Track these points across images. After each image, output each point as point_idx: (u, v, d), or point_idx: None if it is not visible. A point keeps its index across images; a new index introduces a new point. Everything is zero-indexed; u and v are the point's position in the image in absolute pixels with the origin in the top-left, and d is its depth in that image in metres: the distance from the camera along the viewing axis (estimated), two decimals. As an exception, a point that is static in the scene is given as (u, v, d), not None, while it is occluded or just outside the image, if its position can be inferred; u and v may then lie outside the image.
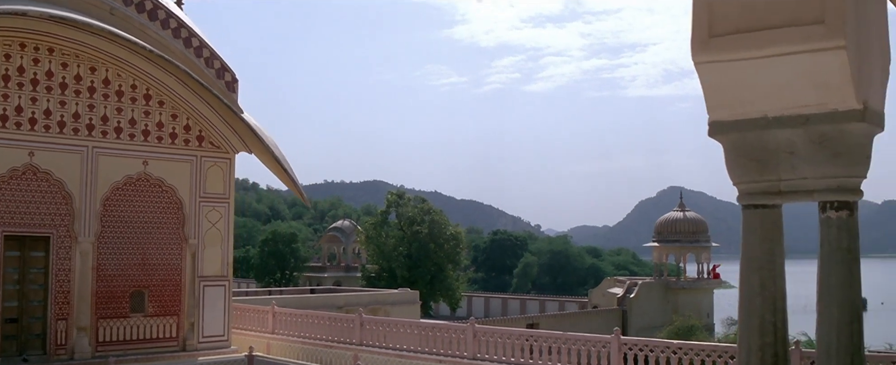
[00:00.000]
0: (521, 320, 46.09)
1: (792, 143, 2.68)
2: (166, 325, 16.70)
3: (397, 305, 36.44)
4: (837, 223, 2.65)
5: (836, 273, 2.62)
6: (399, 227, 52.11)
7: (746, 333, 2.73)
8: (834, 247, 2.65)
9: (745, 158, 2.79)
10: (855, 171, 2.65)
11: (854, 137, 2.61)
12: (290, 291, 44.62)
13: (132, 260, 16.42)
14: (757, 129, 2.71)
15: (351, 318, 16.90)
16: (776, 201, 2.76)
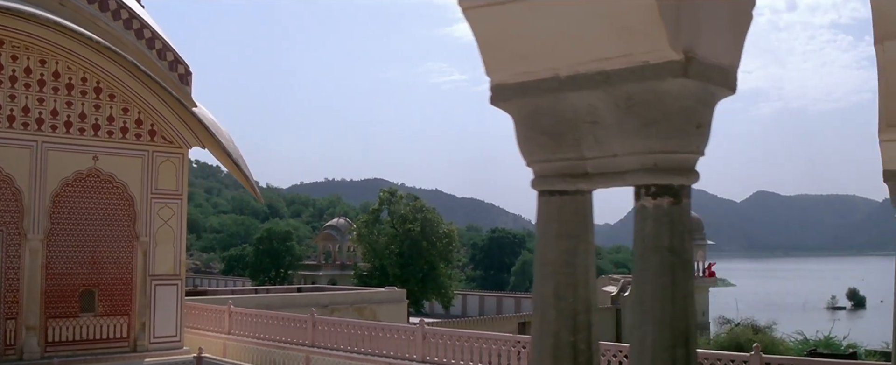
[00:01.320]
0: (515, 319, 45.49)
1: (594, 109, 1.98)
2: (117, 325, 16.13)
3: (384, 303, 35.87)
4: (655, 214, 1.90)
5: (653, 281, 1.89)
6: (391, 224, 51.52)
7: (538, 358, 2.04)
8: (650, 245, 1.90)
9: (536, 132, 2.12)
10: (677, 144, 1.90)
11: (674, 100, 1.87)
12: (276, 289, 44.12)
13: (82, 258, 15.86)
14: (548, 93, 2.03)
15: (303, 318, 16.28)
16: (580, 186, 2.08)
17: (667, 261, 1.89)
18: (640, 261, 1.92)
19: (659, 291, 1.87)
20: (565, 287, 2.03)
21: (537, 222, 2.11)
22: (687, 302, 1.92)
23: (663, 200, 1.90)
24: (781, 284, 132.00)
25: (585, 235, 2.07)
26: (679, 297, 1.89)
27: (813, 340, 41.54)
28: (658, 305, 1.87)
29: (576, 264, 2.04)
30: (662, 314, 1.87)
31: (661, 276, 1.88)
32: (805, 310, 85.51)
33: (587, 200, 2.10)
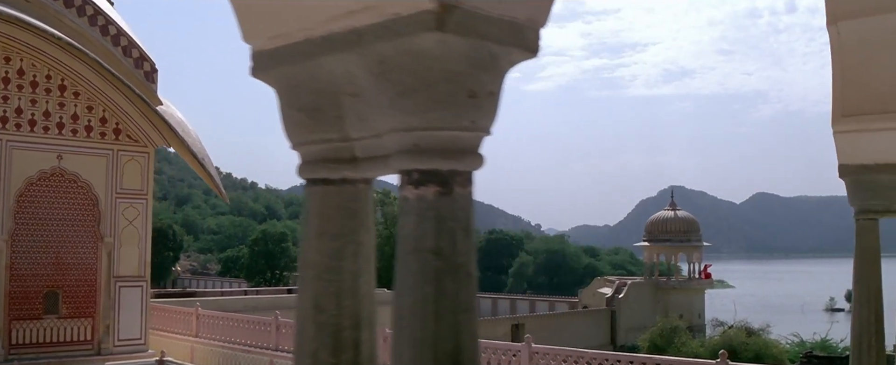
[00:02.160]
0: (508, 321, 45.14)
1: (352, 77, 1.59)
2: (81, 327, 15.81)
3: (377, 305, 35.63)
4: (417, 208, 1.50)
5: (412, 292, 1.48)
6: (385, 226, 51.22)
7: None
8: (409, 248, 1.50)
9: (294, 108, 1.74)
10: (442, 118, 1.48)
11: (434, 62, 1.46)
12: (267, 290, 43.78)
13: (46, 259, 15.55)
14: (304, 60, 1.64)
15: (268, 321, 15.92)
16: (346, 174, 1.69)
17: (430, 266, 1.47)
18: (400, 267, 1.53)
19: (419, 304, 1.46)
20: (326, 297, 1.66)
21: (300, 217, 1.76)
22: (458, 318, 1.49)
23: (427, 190, 1.48)
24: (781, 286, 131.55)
25: (355, 235, 1.69)
26: (446, 311, 1.47)
27: (809, 342, 41.20)
28: (418, 322, 1.46)
29: (341, 269, 1.67)
30: (423, 333, 1.46)
31: (423, 285, 1.47)
32: (804, 312, 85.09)
33: (358, 192, 1.72)
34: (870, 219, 3.81)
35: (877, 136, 3.67)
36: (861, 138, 3.78)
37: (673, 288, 50.78)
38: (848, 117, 3.82)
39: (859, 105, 3.70)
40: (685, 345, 34.67)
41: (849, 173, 3.96)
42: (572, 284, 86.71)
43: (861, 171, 3.92)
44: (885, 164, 3.77)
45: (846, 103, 3.85)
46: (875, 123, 3.51)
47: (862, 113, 3.68)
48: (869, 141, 3.73)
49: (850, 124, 3.80)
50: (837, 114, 3.87)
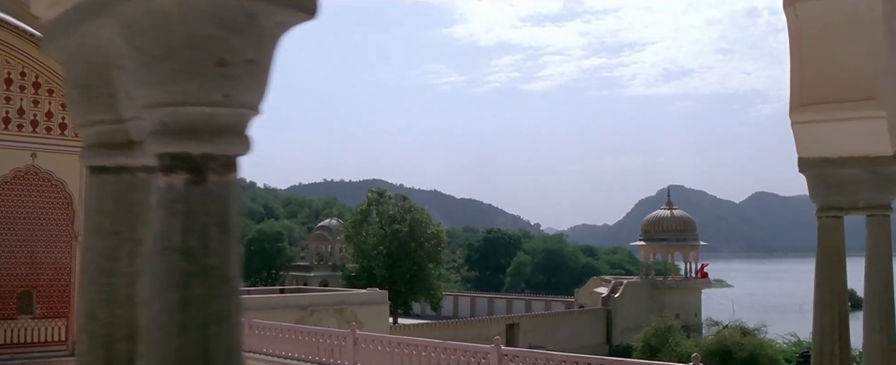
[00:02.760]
0: (502, 321, 44.88)
1: (117, 46, 1.33)
2: (55, 327, 15.54)
3: (365, 305, 35.32)
4: (166, 199, 1.23)
5: (159, 299, 1.22)
6: (380, 225, 50.93)
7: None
8: (159, 248, 1.23)
9: (69, 84, 1.50)
10: (188, 91, 1.23)
11: (176, 24, 1.21)
12: (258, 290, 43.49)
13: (20, 258, 15.28)
14: (73, 27, 1.39)
15: None
16: (123, 161, 1.45)
17: (177, 269, 1.21)
18: (149, 270, 1.23)
19: (164, 314, 1.20)
20: (99, 304, 1.38)
21: (85, 211, 1.45)
22: (209, 331, 1.23)
23: (177, 178, 1.22)
24: (780, 285, 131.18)
25: (133, 232, 1.40)
26: (193, 322, 1.21)
27: (806, 341, 40.89)
28: (162, 335, 1.20)
29: (115, 272, 1.40)
30: (167, 347, 1.19)
31: (168, 291, 1.21)
32: (802, 311, 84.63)
33: (138, 182, 1.45)
34: (833, 217, 3.48)
35: (838, 127, 3.36)
36: (821, 129, 3.42)
37: (669, 287, 50.50)
38: (807, 106, 3.48)
39: (819, 93, 3.39)
40: (679, 345, 34.40)
41: (809, 167, 3.59)
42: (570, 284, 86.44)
43: (822, 165, 3.54)
44: (848, 158, 3.41)
45: (805, 91, 3.51)
46: (836, 113, 3.22)
47: (822, 102, 3.36)
48: (829, 132, 3.38)
49: (810, 114, 3.47)
50: (795, 103, 3.52)
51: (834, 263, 3.35)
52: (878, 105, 3.11)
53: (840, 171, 3.33)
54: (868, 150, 3.27)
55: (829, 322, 3.57)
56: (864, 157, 3.17)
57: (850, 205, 3.35)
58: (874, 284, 3.23)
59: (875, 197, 3.32)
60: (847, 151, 3.19)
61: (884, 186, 3.30)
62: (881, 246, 3.25)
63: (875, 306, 3.25)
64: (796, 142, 3.49)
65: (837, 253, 3.36)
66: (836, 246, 3.38)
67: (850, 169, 3.31)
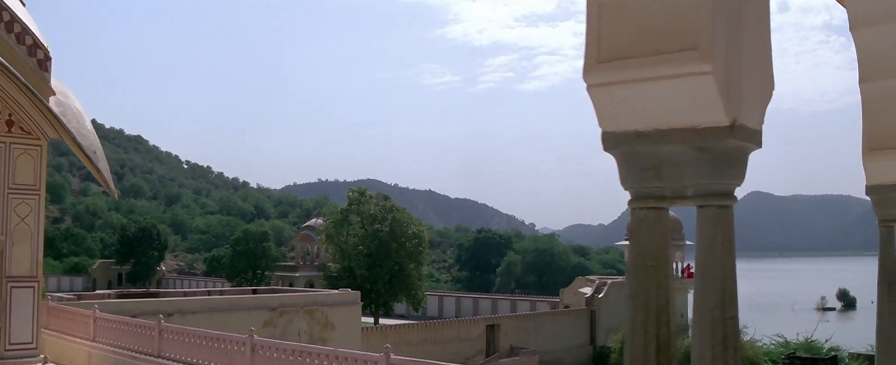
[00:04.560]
0: (482, 322, 44.11)
1: None
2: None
3: (336, 306, 34.53)
4: None
5: None
6: (361, 225, 50.22)
7: None
8: None
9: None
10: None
11: None
12: (230, 291, 42.74)
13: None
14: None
15: (151, 325, 14.78)
16: None
17: None
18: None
19: None
20: None
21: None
22: None
23: None
24: (773, 285, 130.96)
25: None
26: None
27: (794, 342, 40.18)
28: None
29: None
30: None
31: None
32: (794, 311, 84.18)
33: None
34: (651, 208, 2.60)
35: (651, 89, 2.50)
36: (628, 92, 2.60)
37: (654, 288, 49.87)
38: (608, 63, 2.63)
39: (625, 46, 2.54)
40: (657, 347, 33.57)
41: (616, 144, 2.78)
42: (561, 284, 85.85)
43: (633, 141, 2.70)
44: (667, 130, 2.55)
45: (605, 43, 2.69)
46: (647, 70, 2.43)
47: (628, 56, 2.44)
48: (639, 96, 2.59)
49: (612, 73, 2.66)
50: (591, 60, 2.68)
51: (651, 270, 2.55)
52: (701, 57, 2.39)
53: (658, 147, 2.51)
54: (694, 119, 2.45)
55: (642, 347, 2.68)
56: (689, 129, 2.36)
57: (674, 193, 2.55)
58: (706, 300, 2.43)
59: (708, 182, 2.51)
60: (666, 122, 2.42)
61: (718, 166, 2.48)
62: (716, 247, 2.45)
63: (706, 326, 2.47)
64: (596, 111, 2.69)
65: (659, 257, 2.56)
66: (656, 246, 2.58)
67: (671, 145, 2.49)
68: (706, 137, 2.42)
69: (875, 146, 4.91)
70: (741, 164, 2.53)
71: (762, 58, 2.65)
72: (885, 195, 5.02)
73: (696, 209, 2.58)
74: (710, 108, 2.38)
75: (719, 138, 2.41)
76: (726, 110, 2.38)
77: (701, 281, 2.50)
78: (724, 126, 2.39)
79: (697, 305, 2.53)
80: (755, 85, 2.56)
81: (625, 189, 2.65)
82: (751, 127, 2.49)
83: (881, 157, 4.94)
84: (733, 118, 2.39)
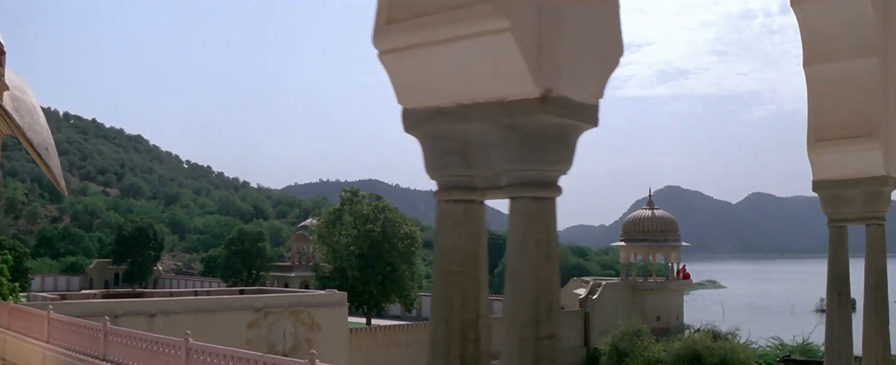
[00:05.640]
0: (474, 323, 43.78)
1: None
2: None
3: (322, 307, 34.10)
4: None
5: None
6: (353, 225, 49.76)
7: None
8: None
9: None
10: None
11: None
12: (217, 291, 42.40)
13: None
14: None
15: (97, 327, 14.33)
16: None
17: None
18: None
19: None
20: None
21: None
22: None
23: None
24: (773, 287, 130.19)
25: None
26: None
27: (790, 345, 39.67)
28: None
29: None
30: None
31: None
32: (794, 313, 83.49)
33: None
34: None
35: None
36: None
37: (650, 289, 49.27)
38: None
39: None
40: (647, 349, 33.18)
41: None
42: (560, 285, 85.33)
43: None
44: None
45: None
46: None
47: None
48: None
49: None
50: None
51: (456, 277, 2.12)
52: (496, 10, 2.23)
53: (463, 126, 2.11)
54: (500, 90, 2.01)
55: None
56: (494, 103, 2.05)
57: (486, 182, 2.20)
58: (515, 315, 2.20)
59: (519, 169, 2.07)
60: (469, 95, 2.13)
61: (530, 148, 2.05)
62: (529, 250, 1.98)
63: (514, 349, 2.34)
64: (392, 84, 2.57)
65: (467, 261, 2.14)
66: (464, 248, 2.15)
67: (476, 123, 2.08)
68: (514, 113, 1.98)
69: (821, 137, 4.67)
70: (563, 146, 2.06)
71: (601, 16, 2.18)
72: (834, 192, 4.72)
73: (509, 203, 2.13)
74: (515, 76, 1.94)
75: (528, 114, 1.96)
76: (535, 79, 1.93)
77: (510, 292, 2.04)
78: (533, 98, 1.94)
79: (506, 321, 2.07)
80: (584, 49, 2.10)
81: (430, 178, 2.21)
82: (577, 100, 2.03)
83: (828, 149, 4.64)
84: (546, 88, 1.94)
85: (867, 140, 4.46)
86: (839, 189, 4.69)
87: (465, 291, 2.14)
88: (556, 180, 2.08)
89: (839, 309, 4.64)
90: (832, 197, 4.75)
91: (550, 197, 2.07)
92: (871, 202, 4.65)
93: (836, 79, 4.56)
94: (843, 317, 4.65)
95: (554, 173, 2.07)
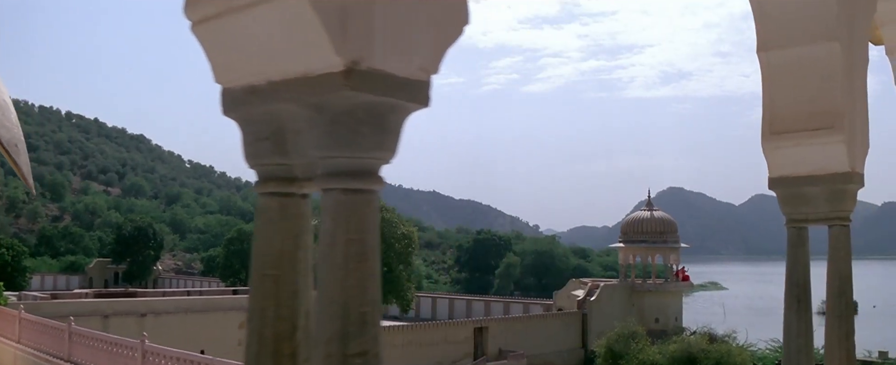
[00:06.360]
0: (470, 324, 43.31)
1: None
2: None
3: (313, 308, 33.79)
4: None
5: None
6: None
7: None
8: None
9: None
10: None
11: None
12: (209, 291, 42.25)
13: None
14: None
15: (62, 327, 14.03)
16: None
17: None
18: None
19: None
20: None
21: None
22: None
23: None
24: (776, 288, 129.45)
25: None
26: None
27: (790, 347, 39.33)
28: None
29: None
30: None
31: None
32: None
33: None
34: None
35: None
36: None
37: (648, 291, 48.90)
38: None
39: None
40: (642, 352, 32.78)
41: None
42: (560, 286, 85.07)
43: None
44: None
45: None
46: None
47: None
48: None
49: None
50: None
51: (270, 282, 1.77)
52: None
53: (274, 107, 1.75)
54: (305, 62, 1.62)
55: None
56: (301, 78, 1.69)
57: (306, 173, 1.85)
58: (322, 328, 1.88)
59: (329, 156, 1.70)
60: (279, 70, 1.81)
61: (338, 131, 1.67)
62: (337, 253, 1.60)
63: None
64: (209, 60, 2.11)
65: (282, 264, 1.79)
66: (278, 249, 1.80)
67: (286, 103, 1.71)
68: (318, 90, 1.63)
69: (777, 129, 4.33)
70: (379, 129, 1.70)
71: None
72: (793, 190, 4.38)
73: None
74: (317, 46, 1.58)
75: (332, 90, 1.60)
76: (338, 48, 1.57)
77: (319, 301, 1.67)
78: (336, 72, 1.58)
79: (315, 336, 1.71)
80: (410, 15, 1.72)
81: (249, 167, 1.87)
82: (397, 75, 1.66)
83: (785, 143, 4.30)
84: (352, 60, 1.58)
85: (828, 133, 4.12)
86: (798, 187, 4.33)
87: (280, 299, 1.79)
88: (374, 170, 1.72)
89: (798, 318, 4.26)
90: (791, 195, 4.39)
91: (367, 189, 1.71)
92: (835, 201, 4.30)
93: (793, 66, 4.16)
94: (803, 327, 4.28)
95: (370, 161, 1.70)
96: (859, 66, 4.29)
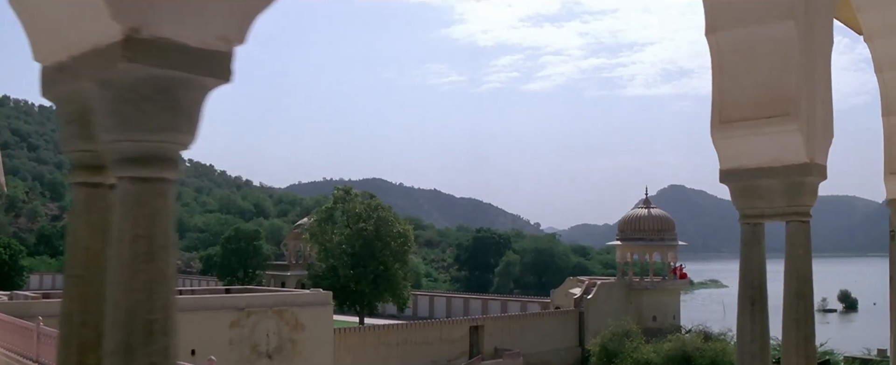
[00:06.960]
0: (466, 323, 43.09)
1: None
2: None
3: (307, 306, 33.53)
4: None
5: None
6: (345, 223, 49.23)
7: None
8: None
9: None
10: None
11: None
12: (201, 290, 42.01)
13: None
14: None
15: (31, 327, 13.77)
16: None
17: None
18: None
19: None
20: None
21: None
22: None
23: None
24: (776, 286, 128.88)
25: None
26: None
27: (787, 345, 39.01)
28: None
29: None
30: None
31: None
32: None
33: None
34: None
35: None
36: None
37: (646, 289, 48.63)
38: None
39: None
40: (636, 350, 32.54)
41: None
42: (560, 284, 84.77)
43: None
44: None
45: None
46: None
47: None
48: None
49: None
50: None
51: (78, 283, 1.55)
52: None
53: (78, 84, 1.53)
54: (96, 34, 1.38)
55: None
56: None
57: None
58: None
59: (120, 139, 1.47)
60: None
61: (125, 109, 1.44)
62: (124, 250, 1.36)
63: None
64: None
65: (91, 265, 1.56)
66: (86, 247, 1.58)
67: (82, 81, 1.50)
68: (100, 64, 1.40)
69: (728, 118, 4.02)
70: (168, 107, 1.44)
71: None
72: (746, 182, 4.11)
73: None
74: (95, 11, 1.36)
75: (112, 63, 1.38)
76: (115, 13, 1.34)
77: (107, 306, 1.43)
78: (115, 42, 1.36)
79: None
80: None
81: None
82: (189, 44, 1.42)
83: (736, 132, 3.99)
84: (130, 27, 1.35)
85: (783, 120, 3.80)
86: (752, 179, 4.04)
87: (86, 303, 1.55)
88: (167, 155, 1.47)
89: (752, 321, 4.03)
90: (744, 189, 4.11)
91: (158, 178, 1.48)
92: (792, 195, 4.04)
93: (743, 48, 3.81)
94: (758, 330, 4.03)
95: (161, 146, 1.45)
96: (821, 48, 3.97)
